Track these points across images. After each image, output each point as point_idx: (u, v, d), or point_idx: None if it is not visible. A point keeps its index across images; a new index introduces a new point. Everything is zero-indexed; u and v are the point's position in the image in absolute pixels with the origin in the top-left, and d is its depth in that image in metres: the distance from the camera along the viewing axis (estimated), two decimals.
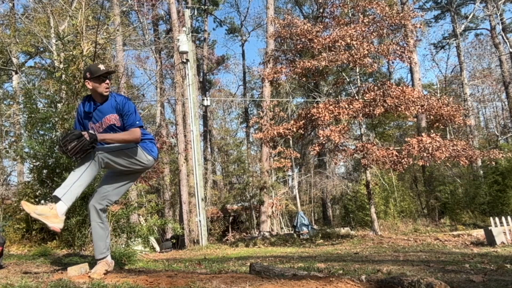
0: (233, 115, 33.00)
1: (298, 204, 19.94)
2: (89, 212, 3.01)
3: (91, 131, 2.83)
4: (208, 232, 15.54)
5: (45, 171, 6.83)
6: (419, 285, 2.26)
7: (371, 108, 11.56)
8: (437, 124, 12.94)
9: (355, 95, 12.70)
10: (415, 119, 17.49)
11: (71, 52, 7.64)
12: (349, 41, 11.81)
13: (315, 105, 12.85)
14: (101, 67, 2.93)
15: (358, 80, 13.96)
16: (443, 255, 6.11)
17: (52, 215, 2.61)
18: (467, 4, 25.04)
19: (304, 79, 15.59)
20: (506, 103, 23.71)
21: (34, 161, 6.95)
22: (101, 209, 3.00)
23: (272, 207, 17.65)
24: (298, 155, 20.05)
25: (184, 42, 14.29)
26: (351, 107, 11.57)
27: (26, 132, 7.34)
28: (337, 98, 13.80)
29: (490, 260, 4.83)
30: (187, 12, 15.67)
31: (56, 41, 8.43)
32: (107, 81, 2.94)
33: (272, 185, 18.11)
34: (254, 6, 71.86)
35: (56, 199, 2.68)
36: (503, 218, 8.61)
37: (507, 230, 8.48)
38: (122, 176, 3.13)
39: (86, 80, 2.94)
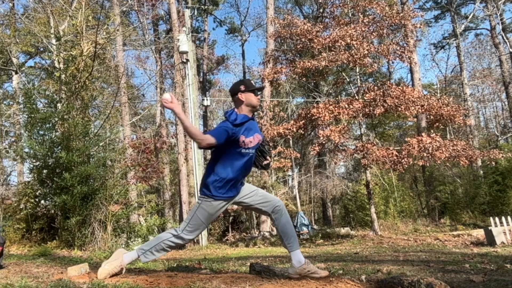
0: None
1: (298, 204, 19.93)
2: (170, 231, 2.88)
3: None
4: (208, 232, 15.54)
5: (45, 171, 6.83)
6: (419, 285, 2.26)
7: (371, 108, 11.56)
8: (437, 124, 12.94)
9: (355, 95, 12.69)
10: (415, 119, 17.47)
11: (70, 52, 7.64)
12: (349, 41, 11.81)
13: (315, 105, 12.83)
14: (252, 82, 2.98)
15: (358, 80, 13.95)
16: (443, 255, 6.11)
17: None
18: (467, 4, 25.03)
19: (304, 79, 15.58)
20: (506, 103, 23.70)
21: (34, 161, 6.96)
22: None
23: None
24: (298, 155, 19.99)
25: (184, 42, 14.30)
26: (351, 107, 11.56)
27: (26, 132, 7.34)
28: (337, 98, 13.79)
29: (490, 260, 4.82)
30: (187, 12, 15.68)
31: (56, 41, 8.42)
32: (258, 95, 2.95)
33: (272, 185, 18.11)
34: (254, 6, 71.90)
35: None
36: (503, 218, 8.60)
37: (507, 230, 8.47)
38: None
39: (240, 93, 2.84)
